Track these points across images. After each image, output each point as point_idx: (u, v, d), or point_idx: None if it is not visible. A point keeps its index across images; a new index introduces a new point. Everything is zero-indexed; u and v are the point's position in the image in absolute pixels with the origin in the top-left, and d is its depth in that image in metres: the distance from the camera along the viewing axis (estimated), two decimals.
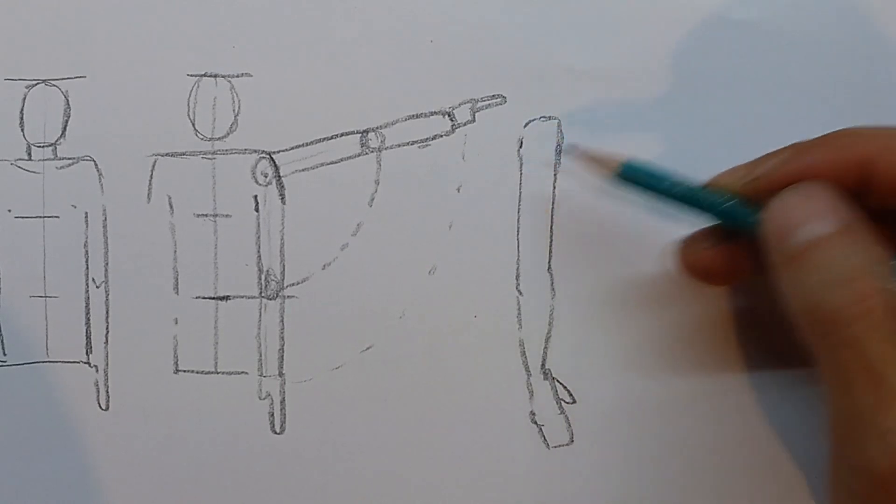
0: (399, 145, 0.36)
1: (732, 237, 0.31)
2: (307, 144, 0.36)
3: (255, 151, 0.36)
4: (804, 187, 0.29)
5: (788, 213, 0.29)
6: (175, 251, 0.36)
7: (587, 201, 0.36)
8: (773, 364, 0.36)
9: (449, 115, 0.36)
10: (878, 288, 0.27)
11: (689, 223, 0.33)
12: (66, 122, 0.37)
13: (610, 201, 0.36)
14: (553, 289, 0.36)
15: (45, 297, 0.37)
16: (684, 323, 0.36)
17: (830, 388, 0.28)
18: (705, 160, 0.36)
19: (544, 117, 0.36)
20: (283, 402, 0.36)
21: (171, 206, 0.36)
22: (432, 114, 0.36)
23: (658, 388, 0.36)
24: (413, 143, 0.36)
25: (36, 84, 0.37)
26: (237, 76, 0.36)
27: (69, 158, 0.37)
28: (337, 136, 0.36)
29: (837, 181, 0.29)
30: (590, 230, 0.36)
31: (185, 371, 0.36)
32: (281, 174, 0.36)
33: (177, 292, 0.36)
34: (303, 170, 0.36)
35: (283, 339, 0.36)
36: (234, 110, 0.36)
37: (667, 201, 0.32)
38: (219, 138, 0.36)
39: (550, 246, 0.36)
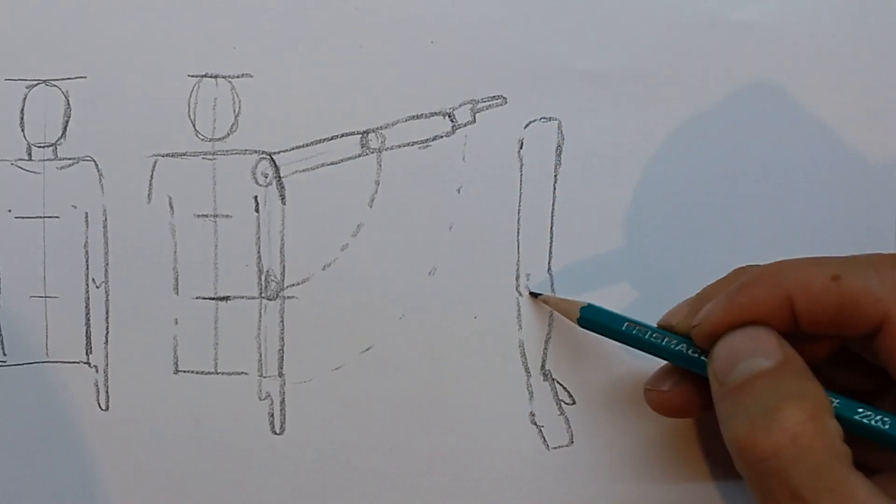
0: (399, 146, 0.36)
1: (691, 375, 0.32)
2: (307, 145, 0.36)
3: (256, 152, 0.36)
4: (745, 330, 0.30)
5: (730, 351, 0.30)
6: (175, 251, 0.36)
7: (587, 202, 0.36)
8: None
9: (449, 116, 0.36)
10: (806, 418, 0.27)
11: None
12: (67, 122, 0.37)
13: (610, 202, 0.36)
14: (553, 290, 0.36)
15: (45, 297, 0.37)
16: None
17: None
18: (705, 159, 0.36)
19: (545, 118, 0.36)
20: (282, 402, 0.36)
21: (171, 207, 0.36)
22: (433, 114, 0.36)
23: None
24: (413, 143, 0.36)
25: (36, 84, 0.37)
26: (238, 77, 0.36)
27: (69, 159, 0.37)
28: (337, 136, 0.36)
29: (772, 319, 0.30)
30: (590, 231, 0.36)
31: (184, 371, 0.36)
32: (281, 175, 0.36)
33: (177, 293, 0.36)
34: (303, 170, 0.36)
35: (282, 339, 0.36)
36: (234, 111, 0.36)
37: (624, 342, 0.33)
38: (219, 139, 0.36)
39: (550, 247, 0.36)
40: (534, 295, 0.36)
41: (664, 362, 0.33)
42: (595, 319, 0.34)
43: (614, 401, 0.36)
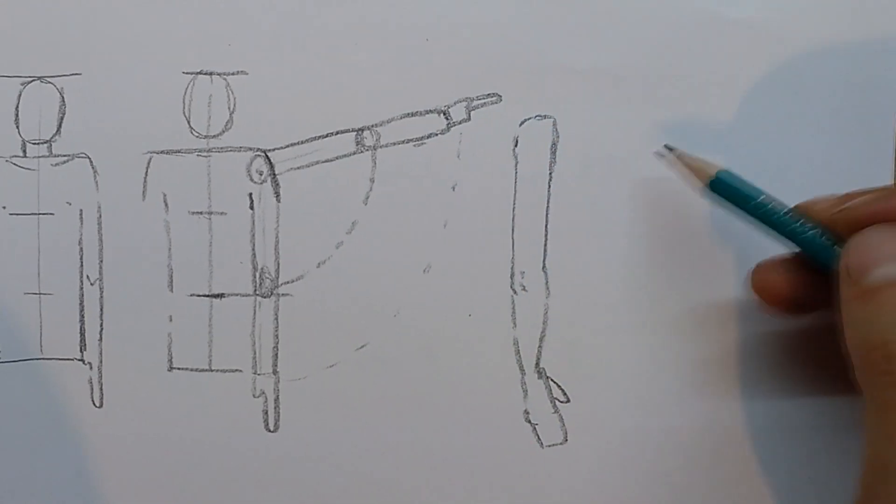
0: (394, 143, 0.36)
1: (807, 269, 0.31)
2: (302, 142, 0.36)
3: (251, 149, 0.36)
4: (886, 228, 0.29)
5: (868, 250, 0.29)
6: (170, 249, 0.36)
7: (582, 200, 0.36)
8: (770, 363, 0.36)
9: (444, 114, 0.36)
10: None
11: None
12: (62, 119, 0.37)
13: (605, 201, 0.36)
14: (547, 288, 0.36)
15: (40, 294, 0.37)
16: (679, 322, 0.36)
17: (872, 431, 0.27)
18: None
19: (539, 116, 0.36)
20: (277, 400, 0.36)
21: (165, 204, 0.36)
22: (427, 112, 0.36)
23: (652, 387, 0.36)
24: (408, 141, 0.36)
25: (31, 81, 0.37)
26: (233, 74, 0.36)
27: (64, 155, 0.37)
28: (332, 134, 0.36)
29: None
30: (584, 229, 0.36)
31: (179, 369, 0.36)
32: (276, 172, 0.36)
33: (171, 290, 0.36)
34: (298, 168, 0.36)
35: (277, 337, 0.36)
36: (229, 108, 0.36)
37: (752, 219, 0.32)
38: (214, 136, 0.36)
39: (545, 245, 0.36)
40: (668, 148, 0.34)
41: None
42: (730, 184, 0.32)
43: (609, 399, 0.36)
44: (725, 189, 0.32)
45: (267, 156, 0.36)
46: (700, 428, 0.36)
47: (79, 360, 0.37)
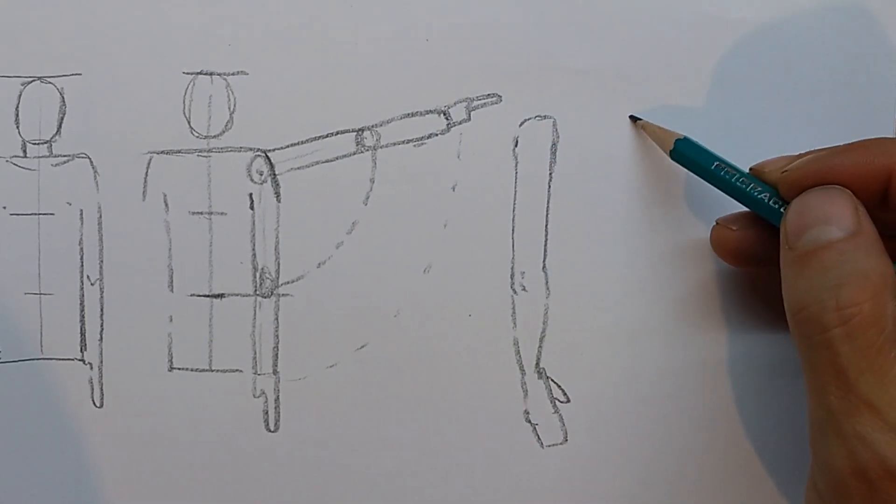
0: (394, 144, 0.36)
1: (764, 225, 0.32)
2: (302, 143, 0.36)
3: (251, 149, 0.36)
4: (825, 190, 0.30)
5: (804, 213, 0.30)
6: (170, 249, 0.36)
7: (582, 200, 0.36)
8: (769, 364, 0.36)
9: (444, 114, 0.36)
10: (865, 298, 0.27)
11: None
12: (62, 119, 0.37)
13: (605, 201, 0.36)
14: (548, 288, 0.36)
15: (40, 294, 0.37)
16: (679, 323, 0.36)
17: (808, 389, 0.29)
18: None
19: (539, 116, 0.36)
20: (277, 400, 0.36)
21: (166, 204, 0.36)
22: (428, 112, 0.36)
23: (652, 387, 0.36)
24: (408, 141, 0.36)
25: (31, 81, 0.37)
26: (233, 74, 0.36)
27: (64, 156, 0.37)
28: (332, 134, 0.36)
29: (860, 187, 0.30)
30: (584, 229, 0.36)
31: (179, 369, 0.36)
32: (276, 172, 0.36)
33: (171, 290, 0.36)
34: (298, 168, 0.36)
35: (277, 337, 0.36)
36: (229, 108, 0.36)
37: (711, 181, 0.33)
38: (214, 136, 0.36)
39: (545, 245, 0.36)
40: (633, 119, 0.36)
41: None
42: (687, 154, 0.34)
43: (608, 399, 0.36)
44: (684, 157, 0.34)
45: (267, 156, 0.36)
46: (699, 428, 0.36)
47: (79, 360, 0.37)
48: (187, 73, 0.36)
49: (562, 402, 0.36)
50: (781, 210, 0.31)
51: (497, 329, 0.36)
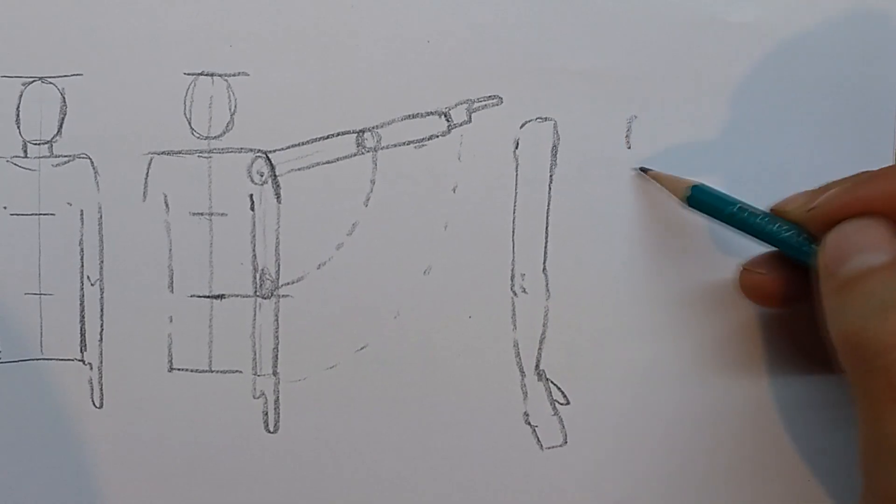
0: (395, 145, 0.36)
1: (790, 264, 0.32)
2: (303, 144, 0.36)
3: (251, 150, 0.36)
4: (860, 220, 0.30)
5: (843, 243, 0.30)
6: (170, 249, 0.36)
7: (582, 202, 0.36)
8: (769, 360, 0.36)
9: (445, 116, 0.36)
10: None
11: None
12: (63, 119, 0.36)
13: (604, 202, 0.36)
14: (548, 290, 0.36)
15: (40, 294, 0.37)
16: (679, 324, 0.36)
17: (862, 415, 0.28)
18: (701, 161, 0.36)
19: (540, 118, 0.36)
20: (277, 401, 0.36)
21: (166, 205, 0.36)
22: (428, 114, 0.36)
23: (652, 389, 0.36)
24: (409, 143, 0.36)
25: (32, 81, 0.37)
26: (234, 75, 0.36)
27: (65, 156, 0.37)
28: (333, 135, 0.36)
29: (891, 216, 0.30)
30: (585, 231, 0.36)
31: (179, 369, 0.36)
32: (277, 173, 0.36)
33: (172, 290, 0.36)
34: (299, 169, 0.36)
35: (277, 338, 0.36)
36: (230, 109, 0.36)
37: (731, 226, 0.33)
38: (215, 137, 0.36)
39: (546, 247, 0.36)
40: (643, 170, 0.36)
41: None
42: (704, 199, 0.33)
43: (608, 401, 0.36)
44: (701, 203, 0.33)
45: (268, 157, 0.36)
46: (699, 429, 0.36)
47: (79, 360, 0.37)
48: (188, 74, 0.36)
49: (562, 404, 0.36)
50: (813, 246, 0.31)
51: (497, 331, 0.36)
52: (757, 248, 0.34)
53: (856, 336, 0.28)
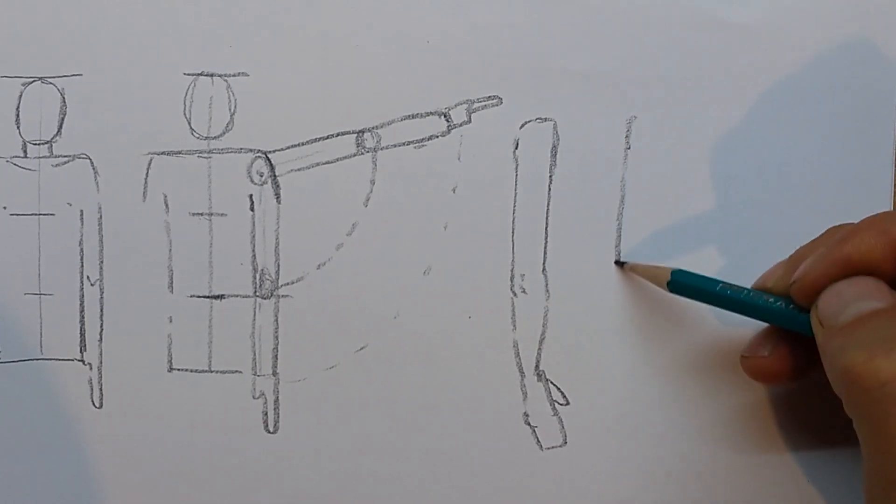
0: (395, 145, 0.36)
1: (787, 336, 0.32)
2: (303, 144, 0.36)
3: (251, 151, 0.36)
4: (851, 280, 0.29)
5: (838, 298, 0.29)
6: (170, 250, 0.36)
7: (582, 203, 0.36)
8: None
9: (445, 116, 0.36)
10: None
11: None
12: (63, 119, 0.37)
13: (605, 203, 0.36)
14: (548, 290, 0.36)
15: (40, 294, 0.37)
16: (679, 324, 0.36)
17: (868, 449, 0.28)
18: (701, 161, 0.36)
19: (540, 119, 0.36)
20: (276, 401, 0.36)
21: (166, 205, 0.36)
22: (428, 114, 0.36)
23: (651, 389, 0.36)
24: (409, 143, 0.36)
25: (32, 81, 0.37)
26: (234, 75, 0.36)
27: (65, 156, 0.37)
28: (333, 135, 0.36)
29: (877, 269, 0.29)
30: (584, 232, 0.36)
31: (179, 370, 0.36)
32: (276, 173, 0.36)
33: (171, 291, 0.36)
34: (298, 169, 0.36)
35: (277, 338, 0.36)
36: (230, 109, 0.36)
37: (718, 305, 0.33)
38: (215, 137, 0.36)
39: (545, 247, 0.36)
40: (619, 264, 0.36)
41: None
42: (687, 283, 0.33)
43: (608, 401, 0.36)
44: (683, 287, 0.33)
45: (267, 157, 0.36)
46: (699, 429, 0.36)
47: (79, 360, 0.37)
48: (188, 74, 0.36)
49: (561, 404, 0.36)
50: (804, 314, 0.31)
51: (497, 331, 0.36)
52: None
53: (861, 366, 0.27)
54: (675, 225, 0.36)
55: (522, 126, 0.36)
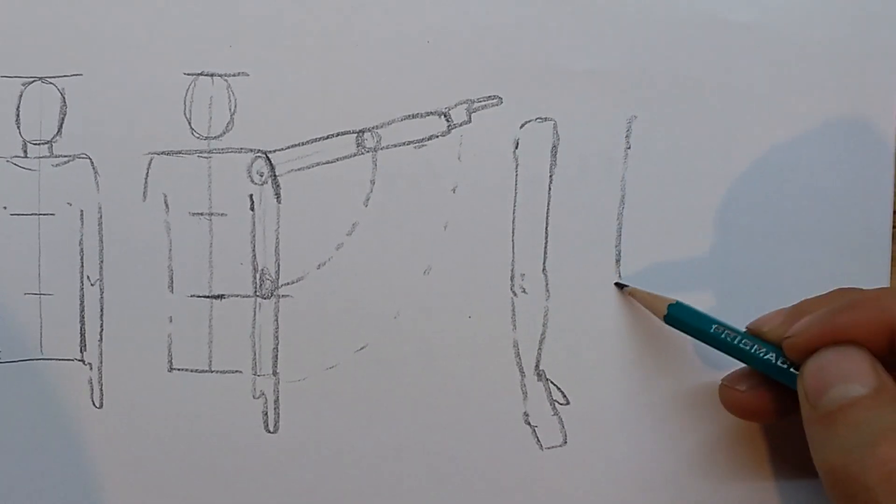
0: (395, 145, 0.36)
1: (770, 381, 0.32)
2: (303, 144, 0.36)
3: (251, 150, 0.36)
4: (839, 349, 0.30)
5: (823, 372, 0.30)
6: (170, 249, 0.36)
7: (582, 203, 0.36)
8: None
9: (445, 116, 0.36)
10: None
11: None
12: (63, 119, 0.37)
13: (605, 203, 0.36)
14: (548, 290, 0.36)
15: (40, 294, 0.37)
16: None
17: None
18: (701, 161, 0.36)
19: (540, 118, 0.36)
20: (276, 401, 0.36)
21: (166, 205, 0.37)
22: (428, 114, 0.36)
23: (651, 389, 0.36)
24: (409, 143, 0.36)
25: (32, 81, 0.37)
26: (234, 75, 0.36)
27: (65, 156, 0.37)
28: (333, 135, 0.36)
29: (870, 344, 0.30)
30: (585, 231, 0.36)
31: (179, 369, 0.36)
32: (276, 173, 0.36)
33: (171, 290, 0.36)
34: (298, 169, 0.36)
35: (277, 338, 0.36)
36: (230, 109, 0.36)
37: (712, 345, 0.33)
38: (215, 137, 0.36)
39: (545, 247, 0.36)
40: (620, 286, 0.36)
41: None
42: (682, 318, 0.33)
43: (608, 401, 0.36)
44: (679, 322, 0.34)
45: (268, 157, 0.36)
46: (699, 429, 0.36)
47: (79, 360, 0.37)
48: (188, 74, 0.36)
49: (561, 404, 0.36)
50: (791, 370, 0.31)
51: (497, 331, 0.36)
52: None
53: (842, 470, 0.28)
54: (675, 225, 0.36)
55: (522, 126, 0.36)
